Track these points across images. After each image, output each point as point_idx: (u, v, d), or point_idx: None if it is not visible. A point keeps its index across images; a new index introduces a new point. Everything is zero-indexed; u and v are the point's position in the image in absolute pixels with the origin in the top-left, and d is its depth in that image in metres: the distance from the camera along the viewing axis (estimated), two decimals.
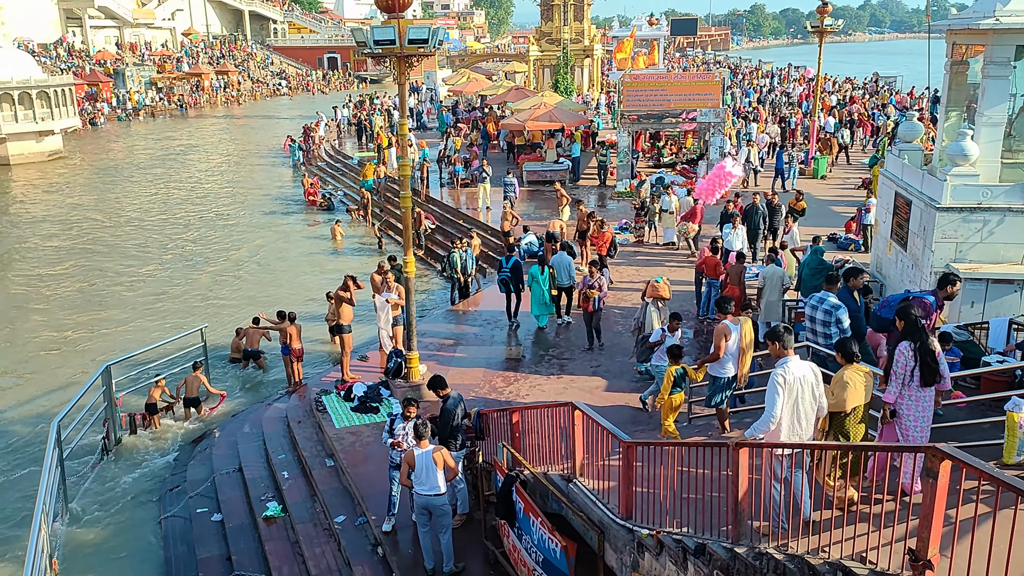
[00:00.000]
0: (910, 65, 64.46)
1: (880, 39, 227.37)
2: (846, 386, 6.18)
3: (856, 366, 6.29)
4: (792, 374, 6.06)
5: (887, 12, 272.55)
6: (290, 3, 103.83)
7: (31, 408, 13.92)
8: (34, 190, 33.65)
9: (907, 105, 34.70)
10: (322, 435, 11.33)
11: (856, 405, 6.20)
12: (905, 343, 6.32)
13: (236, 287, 20.43)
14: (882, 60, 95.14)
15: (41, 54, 58.74)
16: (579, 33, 42.31)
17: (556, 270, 14.08)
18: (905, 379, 6.28)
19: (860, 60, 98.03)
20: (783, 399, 6.00)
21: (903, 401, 6.35)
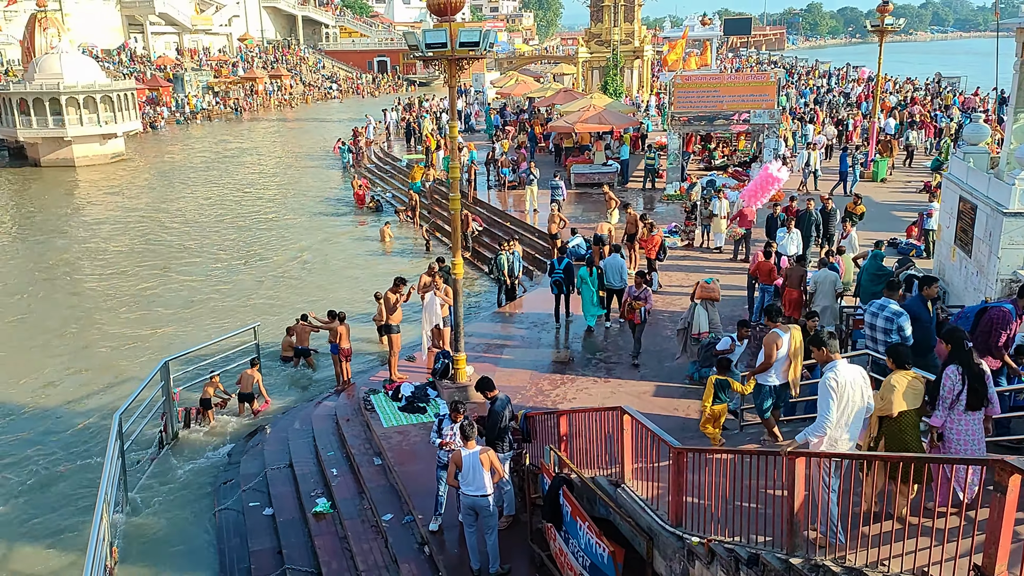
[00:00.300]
0: (975, 65, 62.44)
1: (943, 38, 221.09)
2: (893, 389, 6.16)
3: (905, 372, 6.25)
4: (843, 377, 6.06)
5: (950, 10, 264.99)
6: (342, 8, 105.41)
7: (95, 400, 14.37)
8: (97, 191, 34.73)
9: (974, 107, 33.62)
10: (370, 434, 11.43)
11: (903, 409, 6.17)
12: (952, 367, 6.23)
13: (288, 287, 20.77)
14: (945, 60, 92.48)
15: (104, 60, 60.64)
16: (629, 34, 42.03)
17: (608, 272, 14.12)
18: (952, 403, 6.19)
19: (922, 60, 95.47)
20: (836, 403, 6.00)
21: (951, 425, 6.25)
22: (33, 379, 15.38)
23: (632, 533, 7.14)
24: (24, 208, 31.66)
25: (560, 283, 14.46)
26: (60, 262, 23.63)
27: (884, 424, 6.28)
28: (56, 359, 16.40)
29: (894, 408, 6.15)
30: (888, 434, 6.25)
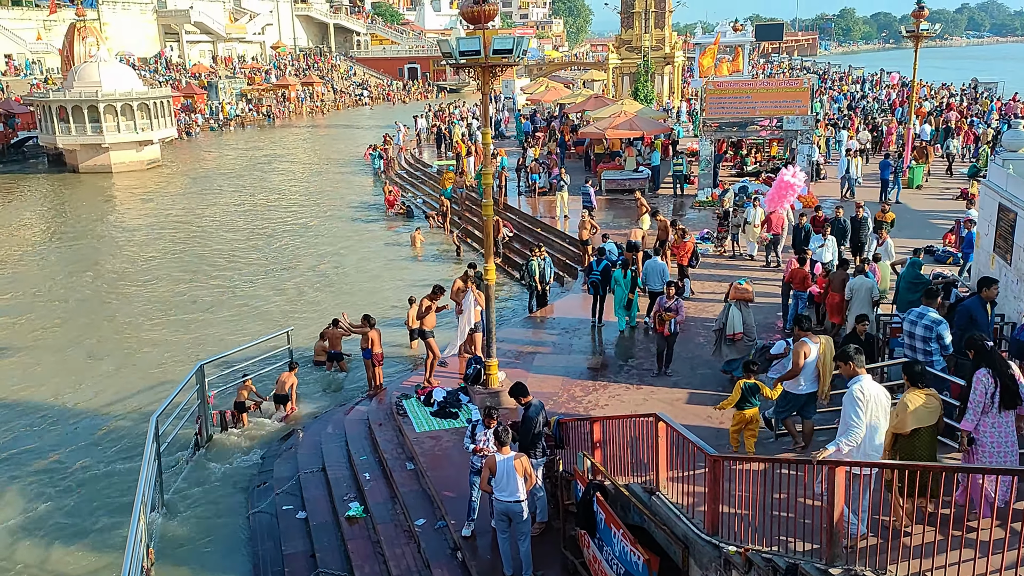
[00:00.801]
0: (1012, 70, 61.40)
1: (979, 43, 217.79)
2: (906, 407, 6.31)
3: (920, 389, 6.39)
4: (868, 391, 6.31)
5: (986, 15, 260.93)
6: (373, 16, 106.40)
7: (132, 403, 14.58)
8: (133, 197, 35.38)
9: (1015, 113, 33.01)
10: (402, 438, 11.49)
11: (916, 427, 6.28)
12: (982, 370, 6.38)
13: (320, 291, 20.98)
14: (982, 65, 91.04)
15: (141, 68, 61.75)
16: (660, 40, 41.91)
17: (649, 275, 14.52)
18: (985, 405, 6.30)
19: (958, 65, 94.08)
20: (865, 412, 6.24)
21: (984, 428, 6.34)
22: (71, 382, 15.68)
23: (667, 541, 7.10)
24: (62, 213, 32.34)
25: (597, 284, 14.70)
26: (97, 267, 24.11)
27: (899, 441, 6.38)
28: (93, 362, 16.71)
29: (907, 426, 6.27)
30: (902, 451, 6.35)
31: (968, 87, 47.68)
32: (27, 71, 57.52)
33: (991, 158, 15.61)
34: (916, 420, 6.29)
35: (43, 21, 62.17)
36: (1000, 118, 32.70)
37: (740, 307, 12.11)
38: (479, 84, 11.16)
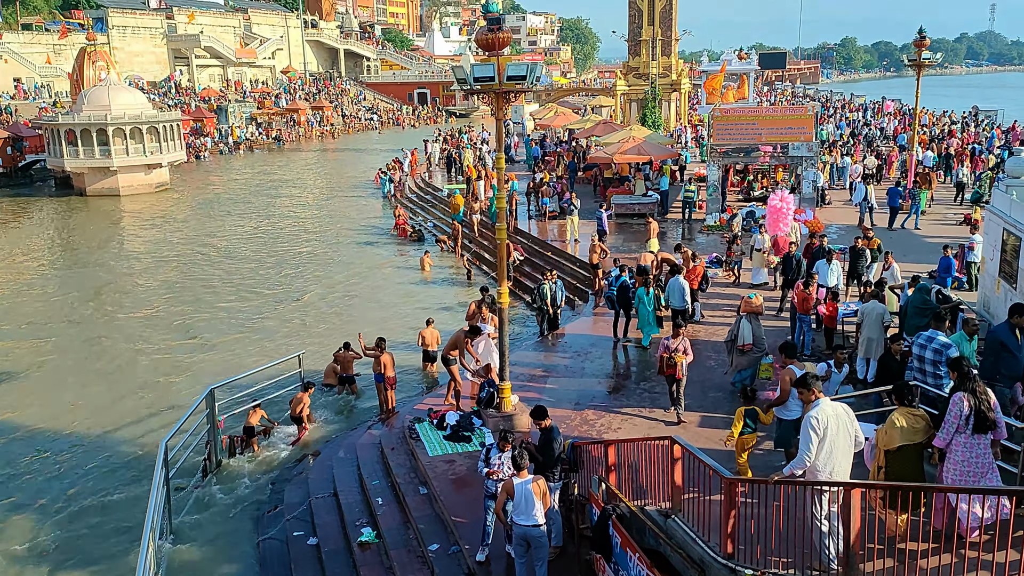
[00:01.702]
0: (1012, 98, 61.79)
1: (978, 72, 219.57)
2: (894, 425, 6.79)
3: (907, 408, 6.90)
4: (825, 416, 6.58)
5: (985, 45, 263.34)
6: (383, 41, 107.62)
7: (141, 427, 14.59)
8: (141, 220, 35.61)
9: (1021, 140, 33.18)
10: (415, 462, 11.50)
11: (903, 444, 6.75)
12: (959, 393, 6.71)
13: (331, 315, 21.06)
14: (981, 93, 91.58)
15: (150, 91, 62.48)
16: (667, 68, 42.35)
17: (671, 294, 14.77)
18: (960, 426, 6.64)
19: (958, 93, 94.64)
20: (817, 440, 6.54)
21: (956, 447, 6.67)
22: (79, 406, 15.69)
23: (684, 565, 7.13)
24: (70, 237, 32.57)
25: (612, 300, 15.23)
26: (105, 290, 24.22)
27: (888, 457, 6.84)
28: (103, 387, 16.74)
29: (895, 442, 6.73)
30: (891, 466, 6.81)
31: (969, 114, 48.01)
32: (36, 95, 58.20)
33: (996, 184, 15.73)
34: (903, 437, 6.74)
35: (53, 45, 63.07)
36: (1001, 145, 32.89)
37: (751, 319, 12.37)
38: (491, 109, 11.31)
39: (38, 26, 66.68)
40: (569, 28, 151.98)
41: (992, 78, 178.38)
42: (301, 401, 13.88)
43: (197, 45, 73.13)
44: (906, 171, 27.09)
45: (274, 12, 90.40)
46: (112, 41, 66.52)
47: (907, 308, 11.92)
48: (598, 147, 30.30)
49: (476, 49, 11.52)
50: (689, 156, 35.69)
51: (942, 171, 30.51)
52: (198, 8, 77.98)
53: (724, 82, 34.94)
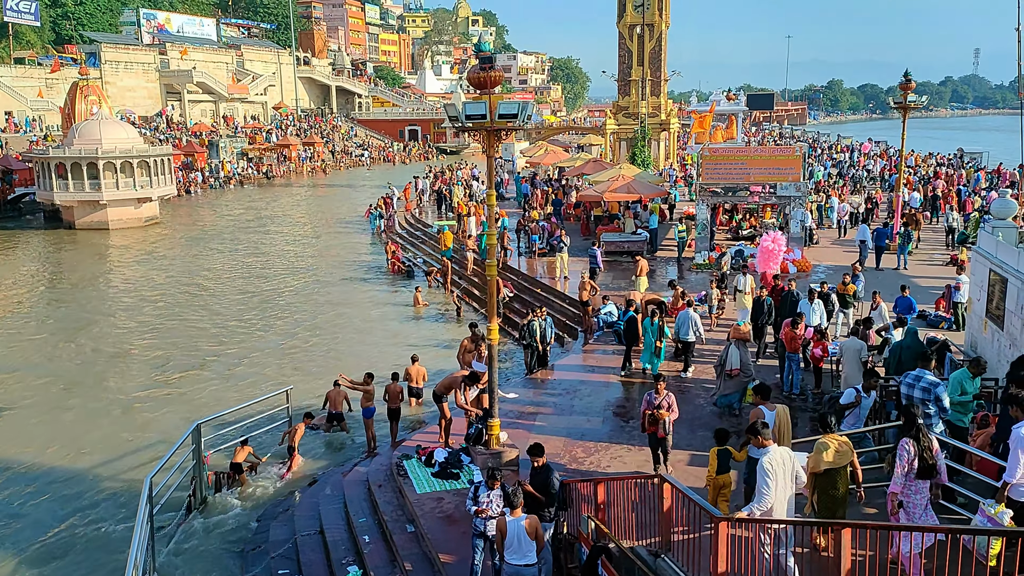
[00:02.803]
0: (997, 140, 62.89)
1: (962, 114, 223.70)
2: (820, 450, 7.48)
3: (831, 434, 7.58)
4: (776, 460, 7.07)
5: (969, 88, 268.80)
6: (375, 79, 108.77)
7: (126, 463, 14.42)
8: (129, 254, 35.48)
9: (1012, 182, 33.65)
10: (403, 500, 11.38)
11: (830, 467, 7.46)
12: (905, 439, 7.16)
13: (320, 351, 20.95)
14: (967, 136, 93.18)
15: (142, 126, 62.73)
16: (656, 107, 42.94)
17: (681, 325, 15.17)
18: (908, 472, 7.10)
19: (944, 135, 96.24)
20: (772, 482, 6.99)
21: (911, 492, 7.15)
22: (64, 441, 15.51)
23: None
24: (57, 270, 32.39)
25: (620, 334, 15.90)
26: (92, 324, 24.01)
27: (818, 480, 7.53)
28: (87, 421, 16.54)
29: (822, 466, 7.43)
30: (820, 487, 7.52)
31: (954, 156, 48.78)
32: (27, 128, 58.34)
33: (982, 226, 15.93)
34: (830, 461, 7.42)
35: (45, 79, 63.41)
36: (987, 187, 33.39)
37: (739, 345, 12.98)
38: (482, 147, 11.41)
39: (31, 60, 67.07)
40: (559, 67, 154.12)
41: (977, 121, 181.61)
42: (297, 431, 13.76)
43: (190, 80, 73.66)
44: (893, 212, 27.41)
45: (267, 49, 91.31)
46: (105, 76, 66.94)
47: (899, 351, 11.93)
48: (588, 185, 30.56)
49: (468, 87, 11.65)
50: (678, 195, 36.06)
51: (929, 212, 30.93)
52: (191, 44, 78.69)
53: (713, 122, 35.42)
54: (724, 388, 13.01)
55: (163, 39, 77.51)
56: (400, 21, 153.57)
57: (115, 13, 79.72)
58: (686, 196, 36.28)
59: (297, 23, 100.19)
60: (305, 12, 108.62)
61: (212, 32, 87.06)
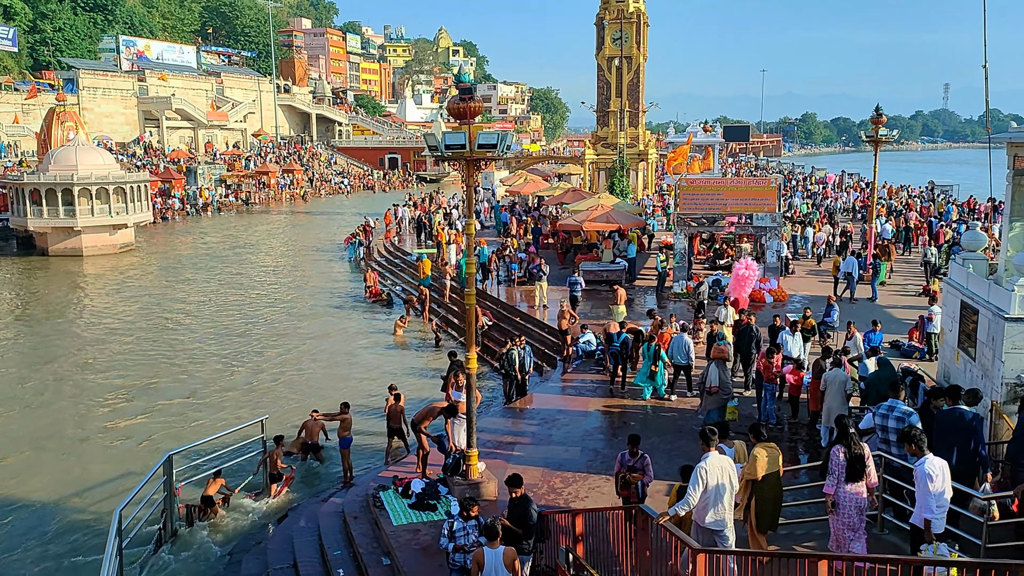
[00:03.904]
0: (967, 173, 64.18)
1: (933, 148, 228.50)
2: (755, 459, 8.20)
3: (764, 443, 8.31)
4: (711, 465, 7.70)
5: (939, 122, 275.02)
6: (355, 107, 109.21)
7: (96, 495, 14.12)
8: (103, 281, 35.02)
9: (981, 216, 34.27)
10: (379, 532, 11.22)
11: (765, 473, 8.15)
12: (837, 446, 7.94)
13: (296, 380, 20.72)
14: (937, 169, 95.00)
15: (119, 152, 62.35)
16: (634, 138, 43.45)
17: (674, 349, 15.44)
18: (840, 476, 7.86)
19: (915, 168, 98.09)
20: (702, 485, 7.62)
21: (842, 494, 7.88)
22: (33, 472, 15.17)
23: None
24: (28, 298, 31.84)
25: (616, 355, 16.20)
26: (62, 353, 23.55)
27: (753, 486, 8.19)
28: (58, 452, 16.21)
29: (758, 473, 8.12)
30: (756, 492, 8.13)
31: (925, 189, 49.71)
32: (2, 154, 57.77)
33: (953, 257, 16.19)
34: (764, 468, 8.14)
35: (22, 104, 62.96)
36: (959, 220, 34.03)
37: (719, 365, 13.49)
38: (462, 175, 11.45)
39: (7, 85, 66.64)
40: (539, 98, 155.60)
41: (947, 154, 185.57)
42: (274, 457, 13.60)
43: (168, 107, 73.50)
44: (866, 243, 27.80)
45: (247, 76, 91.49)
46: (82, 102, 66.63)
47: (875, 382, 12.05)
48: (567, 214, 30.75)
49: (448, 117, 11.72)
50: (656, 224, 36.38)
51: (901, 243, 31.41)
52: (170, 71, 78.65)
53: (690, 153, 35.87)
54: (706, 405, 13.61)
55: (142, 66, 77.40)
56: (381, 50, 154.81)
57: (94, 40, 79.57)
58: (663, 226, 36.62)
59: (278, 51, 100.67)
60: (286, 40, 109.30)
61: (192, 59, 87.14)
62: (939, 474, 7.32)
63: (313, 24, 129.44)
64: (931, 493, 7.23)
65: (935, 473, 7.28)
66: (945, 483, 7.38)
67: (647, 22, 43.27)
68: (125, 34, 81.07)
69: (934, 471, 7.30)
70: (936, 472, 7.31)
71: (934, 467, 7.33)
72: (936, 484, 7.28)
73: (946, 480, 7.39)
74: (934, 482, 7.26)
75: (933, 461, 7.34)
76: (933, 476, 7.25)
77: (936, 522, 7.36)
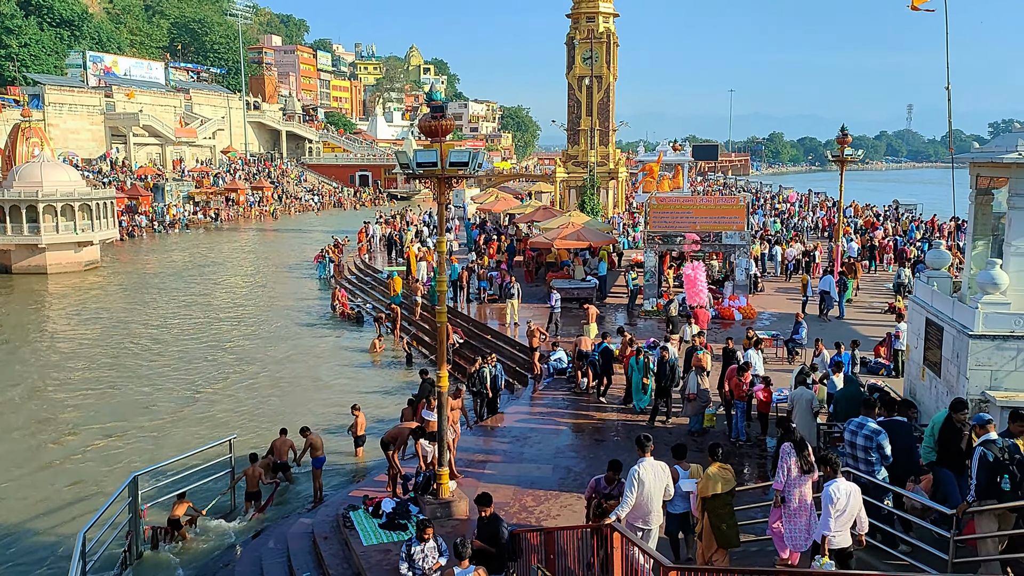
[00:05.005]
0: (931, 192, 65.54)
1: (897, 168, 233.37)
2: (709, 478, 8.49)
3: (719, 463, 8.60)
4: (644, 471, 8.25)
5: (903, 142, 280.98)
6: (326, 124, 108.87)
7: (59, 517, 13.84)
8: (67, 299, 34.39)
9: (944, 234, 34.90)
10: (349, 552, 11.07)
11: (717, 492, 8.40)
12: (787, 443, 8.25)
13: (264, 399, 20.48)
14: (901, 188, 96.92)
15: (85, 168, 61.42)
16: (604, 156, 43.78)
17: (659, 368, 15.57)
18: (789, 470, 8.12)
19: (880, 187, 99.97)
20: (637, 488, 8.20)
21: (790, 488, 8.14)
22: None
23: None
24: None
25: (595, 364, 16.69)
26: (26, 373, 23.08)
27: (706, 503, 8.42)
28: (20, 473, 15.85)
29: (710, 491, 8.40)
30: (709, 509, 8.42)
31: (890, 208, 50.65)
32: None
33: (918, 276, 16.48)
34: (718, 487, 8.38)
35: None
36: (923, 238, 34.68)
37: (697, 373, 14.40)
38: (434, 193, 11.45)
39: None
40: (510, 116, 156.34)
41: (911, 174, 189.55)
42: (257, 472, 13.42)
43: (136, 123, 72.60)
44: (832, 261, 28.20)
45: (216, 93, 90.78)
46: (48, 117, 65.61)
47: (841, 399, 12.22)
48: (538, 232, 30.85)
49: (419, 134, 11.74)
50: (627, 242, 36.62)
51: (867, 261, 31.92)
52: (138, 87, 77.79)
53: (660, 172, 36.23)
54: (686, 411, 14.51)
55: (110, 82, 76.48)
56: (352, 68, 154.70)
57: (61, 55, 78.52)
58: (633, 243, 36.89)
59: (247, 68, 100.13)
60: (256, 57, 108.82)
61: (160, 75, 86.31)
62: (842, 497, 7.58)
63: (283, 41, 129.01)
64: (831, 514, 7.51)
65: (838, 496, 7.54)
66: (849, 505, 7.63)
67: (617, 42, 43.75)
68: (92, 50, 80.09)
69: (838, 494, 7.56)
70: (840, 495, 7.57)
71: (839, 490, 7.58)
72: (838, 505, 7.55)
73: (850, 502, 7.65)
74: (835, 504, 7.52)
75: (839, 485, 7.61)
76: (835, 499, 7.52)
77: (835, 539, 7.61)
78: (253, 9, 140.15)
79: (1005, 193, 12.20)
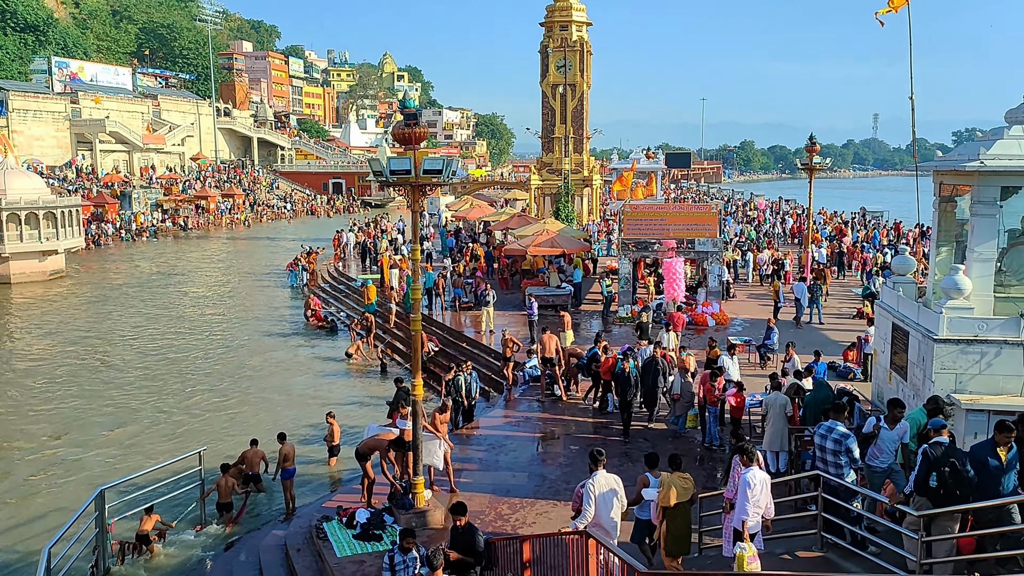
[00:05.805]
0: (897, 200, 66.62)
1: (864, 176, 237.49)
2: (669, 487, 8.62)
3: (679, 473, 8.74)
4: (599, 483, 8.43)
5: (870, 151, 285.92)
6: (299, 131, 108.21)
7: (22, 532, 13.51)
8: (31, 310, 33.69)
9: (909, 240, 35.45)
10: (323, 564, 10.95)
11: (677, 502, 8.58)
12: (736, 455, 8.54)
13: (234, 411, 20.17)
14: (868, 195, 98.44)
15: (50, 175, 60.41)
16: (579, 164, 43.99)
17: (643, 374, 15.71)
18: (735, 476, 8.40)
19: (846, 195, 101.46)
20: (594, 501, 8.33)
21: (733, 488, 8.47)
22: None
23: None
24: None
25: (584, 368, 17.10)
26: None
27: (665, 512, 8.60)
28: None
29: (671, 500, 8.55)
30: (669, 518, 8.59)
31: (857, 215, 51.46)
32: None
33: (884, 281, 16.74)
34: (677, 496, 8.55)
35: None
36: (888, 244, 35.27)
37: (682, 374, 15.01)
38: (408, 201, 11.43)
39: None
40: (484, 123, 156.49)
41: (877, 181, 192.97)
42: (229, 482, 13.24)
43: (102, 130, 71.57)
44: (802, 267, 28.58)
45: (185, 99, 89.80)
46: (12, 124, 64.56)
47: (811, 403, 12.35)
48: (512, 239, 30.87)
49: (393, 142, 11.70)
50: (601, 250, 36.79)
51: (836, 267, 32.37)
52: (105, 93, 76.70)
53: (634, 179, 36.48)
54: (673, 411, 15.05)
55: (75, 87, 75.32)
56: (325, 75, 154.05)
57: (25, 61, 77.34)
58: (607, 250, 37.08)
59: (217, 74, 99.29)
60: (226, 63, 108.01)
61: (128, 81, 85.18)
62: (758, 484, 8.18)
63: (254, 47, 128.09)
64: (748, 500, 8.09)
65: (755, 483, 8.13)
66: (763, 493, 8.24)
67: (590, 51, 44.04)
68: (58, 55, 78.94)
69: (754, 480, 8.15)
70: (756, 483, 8.16)
71: (755, 478, 8.17)
72: (754, 491, 8.13)
73: (764, 490, 8.26)
74: (751, 490, 8.11)
75: (755, 472, 8.20)
76: (751, 485, 8.11)
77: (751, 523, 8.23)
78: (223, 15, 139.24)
79: (968, 200, 12.47)
